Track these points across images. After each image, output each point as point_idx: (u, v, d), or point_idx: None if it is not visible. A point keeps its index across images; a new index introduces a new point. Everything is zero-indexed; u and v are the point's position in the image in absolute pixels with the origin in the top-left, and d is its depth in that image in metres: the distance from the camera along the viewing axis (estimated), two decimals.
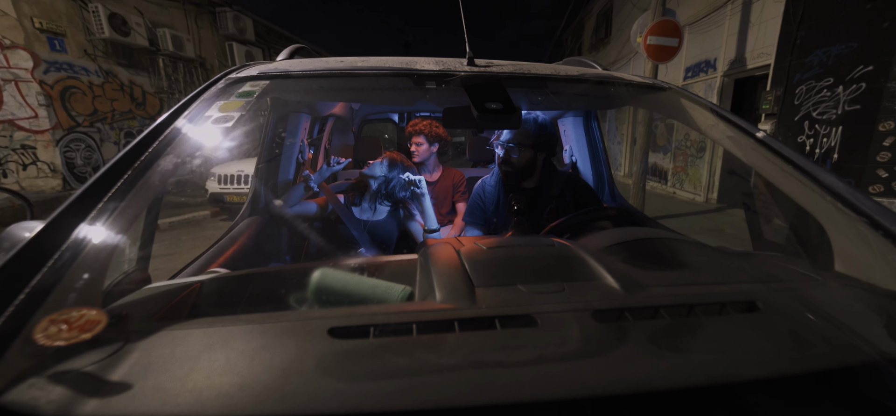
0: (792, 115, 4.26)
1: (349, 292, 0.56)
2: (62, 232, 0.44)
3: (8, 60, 5.07)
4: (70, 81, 5.81)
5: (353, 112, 2.42)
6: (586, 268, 0.57)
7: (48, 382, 0.33)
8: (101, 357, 0.36)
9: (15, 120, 5.19)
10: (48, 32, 5.47)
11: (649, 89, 0.98)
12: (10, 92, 5.13)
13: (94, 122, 6.15)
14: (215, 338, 0.39)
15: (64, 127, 5.71)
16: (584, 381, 0.34)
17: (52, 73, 5.55)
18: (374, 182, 1.50)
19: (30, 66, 5.26)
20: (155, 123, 0.62)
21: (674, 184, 7.17)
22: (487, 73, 0.84)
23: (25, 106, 5.27)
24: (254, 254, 1.28)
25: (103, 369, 0.34)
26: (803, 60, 4.10)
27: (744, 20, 5.26)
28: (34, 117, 5.36)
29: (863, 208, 0.58)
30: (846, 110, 3.65)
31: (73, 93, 5.85)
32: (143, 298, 0.56)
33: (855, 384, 0.37)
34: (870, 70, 3.44)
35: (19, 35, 5.14)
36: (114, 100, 6.50)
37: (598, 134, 1.95)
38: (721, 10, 5.70)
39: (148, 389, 0.32)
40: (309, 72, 0.84)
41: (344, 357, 0.37)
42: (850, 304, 0.51)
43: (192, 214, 5.00)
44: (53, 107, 5.54)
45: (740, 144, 0.79)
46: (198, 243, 4.03)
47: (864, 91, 3.49)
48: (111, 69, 6.45)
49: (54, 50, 5.56)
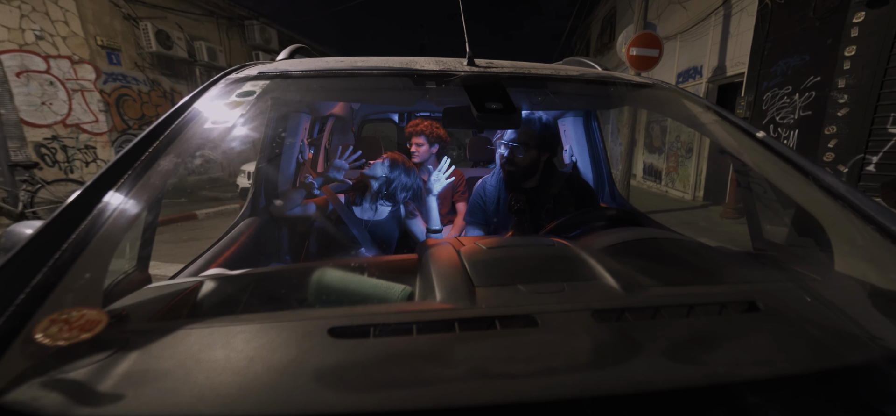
0: (760, 119, 4.68)
1: (349, 291, 0.56)
2: (62, 232, 0.44)
3: (76, 73, 5.99)
4: (123, 89, 6.73)
5: (353, 112, 2.42)
6: (586, 268, 0.57)
7: (48, 382, 0.33)
8: (101, 357, 0.36)
9: (80, 124, 6.11)
10: (107, 48, 6.39)
11: (649, 89, 0.97)
12: (78, 100, 6.05)
13: (141, 124, 7.05)
14: (215, 338, 0.39)
15: (118, 129, 6.63)
16: (584, 381, 0.34)
17: (110, 83, 6.47)
18: (375, 182, 1.50)
19: (93, 78, 6.18)
20: (155, 123, 0.62)
21: (666, 183, 7.57)
22: (487, 73, 0.84)
23: (89, 112, 6.19)
24: (254, 254, 1.28)
25: (104, 369, 0.34)
26: (769, 70, 4.56)
27: (724, 31, 5.69)
28: (95, 121, 6.27)
29: (863, 207, 0.58)
30: (801, 115, 4.09)
31: (126, 100, 6.77)
32: (144, 298, 0.56)
33: (855, 384, 0.37)
34: (818, 80, 3.88)
35: (85, 51, 6.05)
36: (158, 105, 7.43)
37: (599, 134, 1.94)
38: (705, 21, 6.14)
39: (148, 389, 0.32)
40: (309, 72, 0.84)
41: (344, 357, 0.37)
42: (849, 304, 0.51)
43: (224, 206, 5.77)
44: (110, 112, 6.47)
45: (740, 144, 0.78)
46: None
47: (813, 99, 3.93)
48: (156, 78, 7.35)
49: (112, 63, 6.49)
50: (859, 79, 3.58)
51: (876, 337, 0.43)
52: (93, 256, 0.44)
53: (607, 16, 11.93)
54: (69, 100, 5.97)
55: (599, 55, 12.67)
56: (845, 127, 3.62)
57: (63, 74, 5.87)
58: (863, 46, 3.54)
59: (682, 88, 1.00)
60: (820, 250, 0.64)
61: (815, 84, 3.93)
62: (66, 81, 5.91)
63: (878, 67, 3.45)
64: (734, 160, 0.79)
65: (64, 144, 5.97)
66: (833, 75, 3.73)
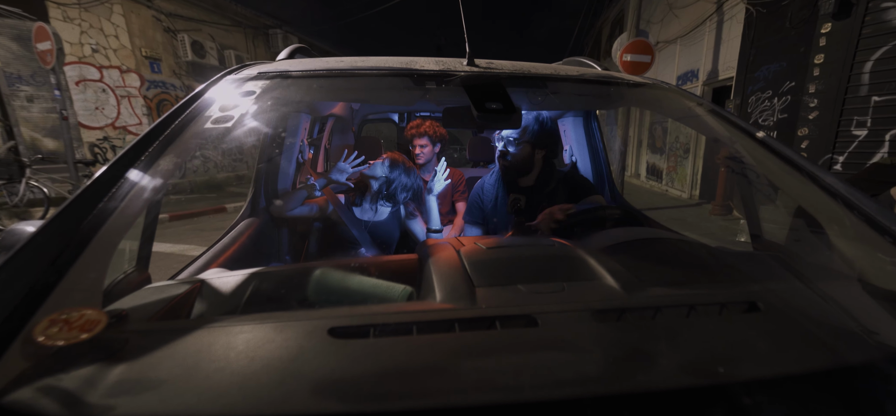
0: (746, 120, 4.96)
1: (349, 292, 0.56)
2: (62, 231, 0.44)
3: (124, 81, 6.80)
4: (163, 95, 7.50)
5: (353, 112, 2.42)
6: (586, 268, 0.57)
7: (48, 382, 0.33)
8: (101, 357, 0.36)
9: (127, 126, 6.92)
10: (150, 58, 7.17)
11: (649, 89, 0.98)
12: (125, 105, 6.88)
13: None
14: (215, 338, 0.39)
15: None
16: (584, 381, 0.34)
17: (152, 89, 7.25)
18: (375, 183, 1.50)
19: (138, 85, 6.98)
20: (155, 123, 0.61)
21: (667, 183, 7.80)
22: (487, 73, 0.84)
23: (134, 115, 7.01)
24: (254, 254, 1.27)
25: (103, 369, 0.34)
26: (753, 75, 4.82)
27: (718, 37, 5.95)
28: (139, 124, 7.06)
29: (863, 207, 0.58)
30: (779, 117, 4.37)
31: (165, 104, 7.54)
32: (144, 298, 0.56)
33: (855, 383, 0.37)
34: (793, 85, 4.15)
35: (132, 62, 6.86)
36: None
37: (599, 134, 1.95)
38: (701, 27, 6.38)
39: (148, 389, 0.32)
40: (309, 72, 0.84)
41: (344, 358, 0.37)
42: (849, 304, 0.50)
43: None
44: (151, 115, 7.21)
45: (739, 143, 0.79)
46: None
47: (789, 102, 4.20)
48: (190, 84, 8.13)
49: (153, 72, 7.27)
50: (827, 85, 3.85)
51: (876, 337, 0.43)
52: (93, 256, 0.44)
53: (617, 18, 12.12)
54: (118, 105, 6.79)
55: (609, 57, 12.83)
56: (816, 129, 3.90)
57: (113, 82, 6.71)
58: (830, 55, 3.82)
59: (682, 88, 1.00)
60: (820, 250, 0.64)
61: (791, 89, 4.20)
62: (116, 89, 6.75)
63: (843, 75, 3.72)
64: (733, 161, 0.79)
65: (113, 143, 6.78)
66: (805, 81, 4.00)
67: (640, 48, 5.37)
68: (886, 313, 0.48)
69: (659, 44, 8.01)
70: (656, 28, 8.08)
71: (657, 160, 8.33)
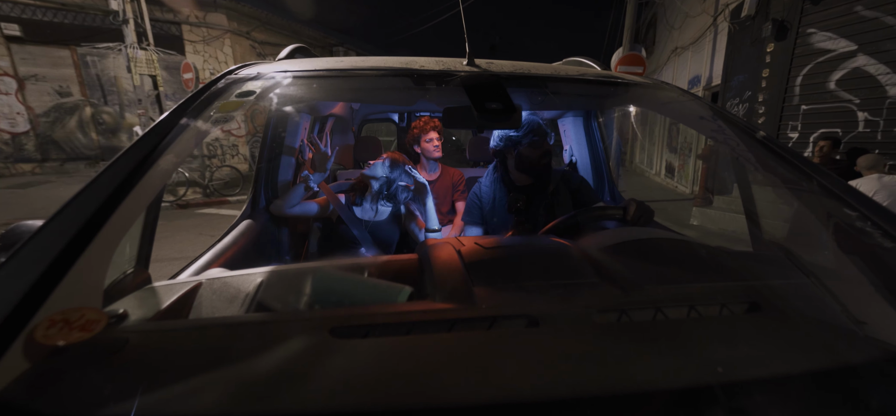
0: None
1: (350, 291, 0.56)
2: (62, 231, 0.44)
3: None
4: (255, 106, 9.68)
5: (353, 112, 2.43)
6: (586, 268, 0.57)
7: (48, 382, 0.33)
8: (101, 357, 0.36)
9: (230, 131, 9.14)
10: None
11: (649, 89, 0.98)
12: None
13: (260, 129, 10.00)
14: (215, 338, 0.40)
15: (250, 133, 9.61)
16: (584, 381, 0.34)
17: None
18: (375, 183, 1.51)
19: None
20: (155, 123, 0.61)
21: (678, 180, 8.34)
22: (487, 73, 0.84)
23: (235, 122, 9.16)
24: (254, 254, 1.28)
25: (103, 369, 0.35)
26: (730, 84, 5.50)
27: (714, 47, 6.57)
28: (238, 128, 9.25)
29: (862, 207, 0.59)
30: None
31: (256, 113, 9.73)
32: (144, 298, 0.57)
33: (855, 383, 0.37)
34: (750, 94, 4.85)
35: None
36: None
37: (598, 134, 1.95)
38: (702, 37, 6.97)
39: (148, 389, 0.32)
40: (309, 72, 0.84)
41: (345, 357, 0.37)
42: (849, 304, 0.50)
43: None
44: (246, 122, 9.39)
45: (738, 142, 0.80)
46: None
47: (748, 109, 4.89)
48: None
49: None
50: (771, 95, 4.60)
51: (876, 336, 0.43)
52: (93, 256, 0.44)
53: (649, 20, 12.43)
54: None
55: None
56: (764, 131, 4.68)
57: None
58: (773, 70, 4.57)
59: (681, 88, 1.02)
60: (819, 250, 0.64)
61: (749, 97, 4.91)
62: None
63: (781, 87, 4.47)
64: (734, 161, 0.81)
65: (221, 143, 9.02)
66: (758, 91, 4.72)
67: (633, 61, 6.19)
68: (886, 313, 0.48)
69: (677, 49, 8.54)
70: (676, 34, 8.60)
71: (672, 158, 8.83)
